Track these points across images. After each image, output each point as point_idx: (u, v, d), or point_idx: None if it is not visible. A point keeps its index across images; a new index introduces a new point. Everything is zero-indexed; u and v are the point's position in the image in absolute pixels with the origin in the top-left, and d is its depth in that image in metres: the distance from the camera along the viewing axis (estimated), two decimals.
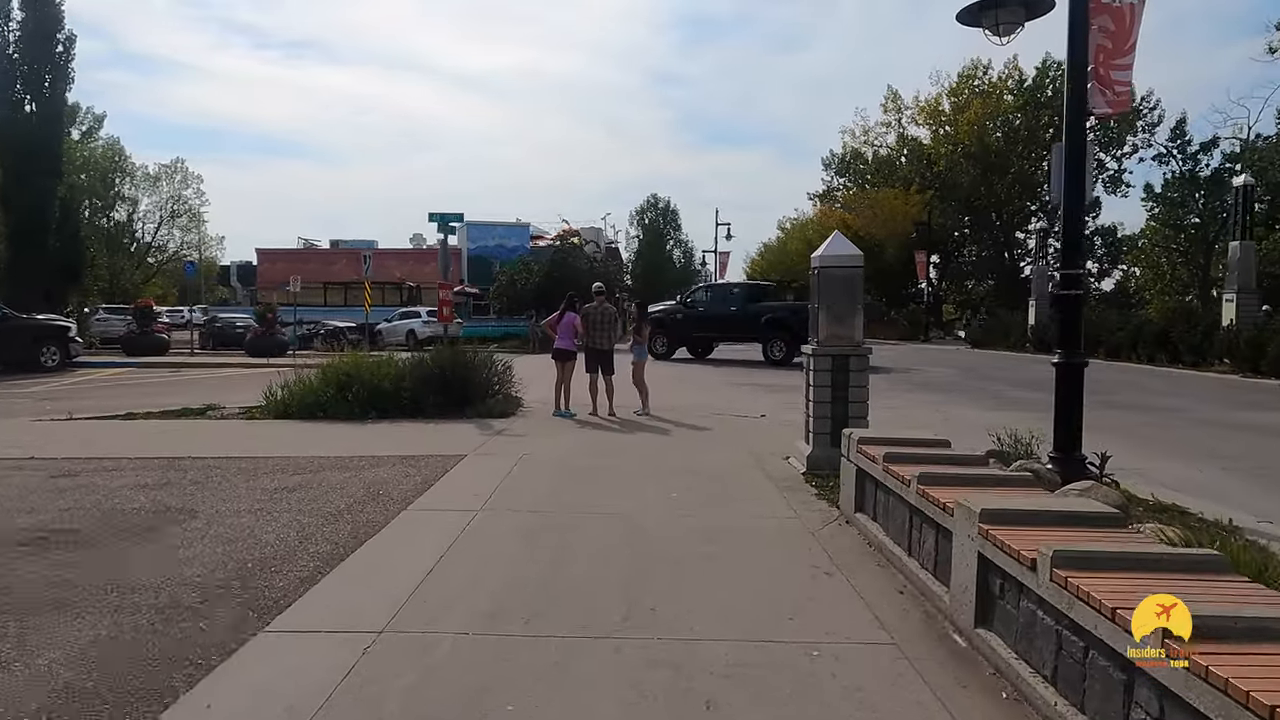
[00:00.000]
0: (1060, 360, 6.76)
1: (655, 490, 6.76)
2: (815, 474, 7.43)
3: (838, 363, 7.63)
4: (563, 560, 4.83)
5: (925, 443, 5.76)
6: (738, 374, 20.40)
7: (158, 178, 51.56)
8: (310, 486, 6.81)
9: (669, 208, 53.53)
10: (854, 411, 7.63)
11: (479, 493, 6.54)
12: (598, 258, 38.17)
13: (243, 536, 5.29)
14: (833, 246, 7.78)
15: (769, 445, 9.05)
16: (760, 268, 77.70)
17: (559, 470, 7.59)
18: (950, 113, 50.35)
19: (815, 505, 6.35)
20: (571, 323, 11.82)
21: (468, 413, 11.27)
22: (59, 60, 25.36)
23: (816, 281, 7.75)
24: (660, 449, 8.98)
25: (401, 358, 12.31)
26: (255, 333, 24.67)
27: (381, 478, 7.18)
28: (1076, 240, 6.89)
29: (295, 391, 11.52)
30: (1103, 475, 6.65)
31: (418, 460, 7.95)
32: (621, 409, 11.70)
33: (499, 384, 12.34)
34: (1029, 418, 12.37)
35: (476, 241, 45.98)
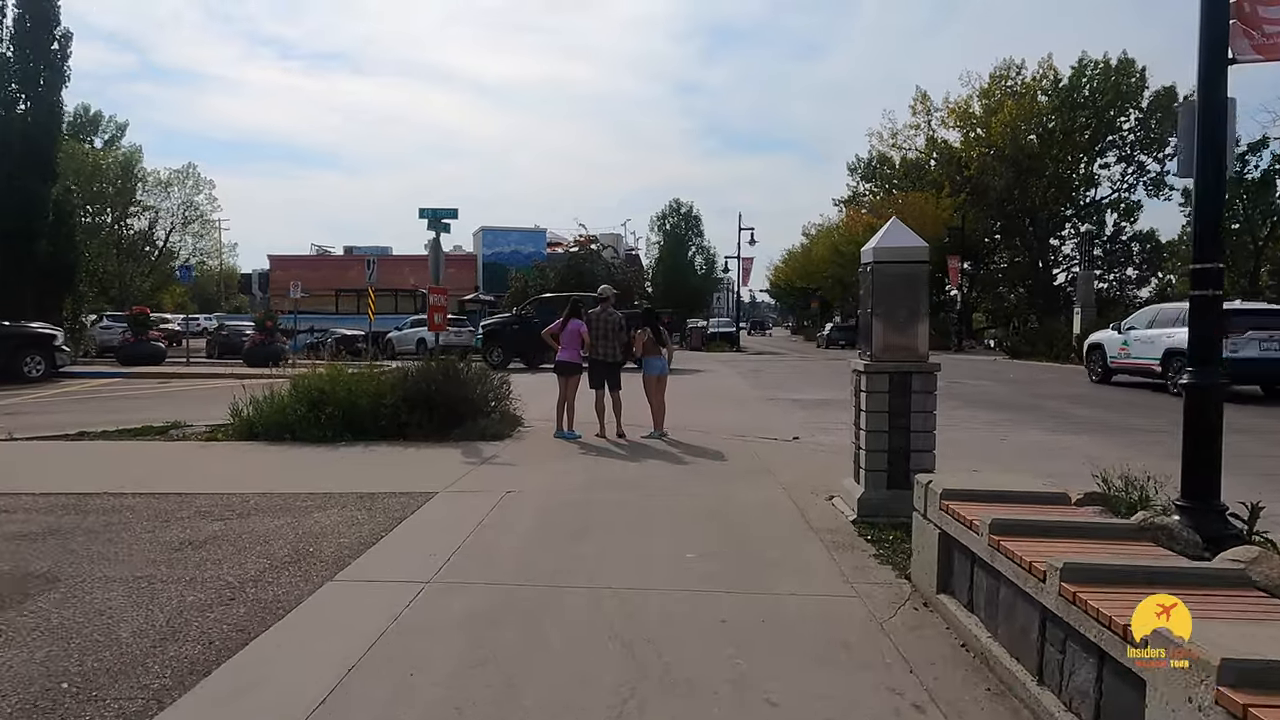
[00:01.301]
0: (1191, 382, 5.16)
1: (666, 547, 5.23)
2: (869, 522, 5.88)
3: (897, 382, 6.07)
4: (522, 682, 3.32)
5: (1035, 497, 4.21)
6: (765, 384, 18.82)
7: (169, 183, 50.71)
8: (227, 539, 5.35)
9: (691, 212, 51.85)
10: (917, 443, 6.07)
11: (436, 551, 5.06)
12: (616, 263, 36.70)
13: (90, 628, 3.83)
14: (890, 236, 6.23)
15: (806, 478, 7.51)
16: (784, 275, 76.05)
17: (546, 516, 6.08)
18: (982, 115, 48.43)
19: (878, 575, 4.79)
20: (577, 332, 10.35)
21: (456, 434, 9.82)
22: (54, 58, 24.32)
23: (869, 279, 6.21)
24: (674, 484, 7.45)
25: (388, 371, 10.88)
26: (253, 341, 23.39)
27: (322, 526, 5.71)
28: (1213, 226, 5.27)
29: (264, 410, 10.14)
30: (1252, 532, 5.06)
31: (376, 501, 6.49)
32: (633, 428, 10.22)
33: (495, 400, 10.89)
34: (1107, 443, 10.56)
35: (491, 247, 44.77)
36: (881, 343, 6.13)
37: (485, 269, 43.87)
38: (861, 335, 6.64)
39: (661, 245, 51.13)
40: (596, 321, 10.35)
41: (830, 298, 64.47)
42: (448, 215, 11.71)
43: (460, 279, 45.64)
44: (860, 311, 6.54)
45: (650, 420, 10.30)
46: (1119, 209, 48.46)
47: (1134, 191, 47.95)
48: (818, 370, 26.11)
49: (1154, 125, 45.79)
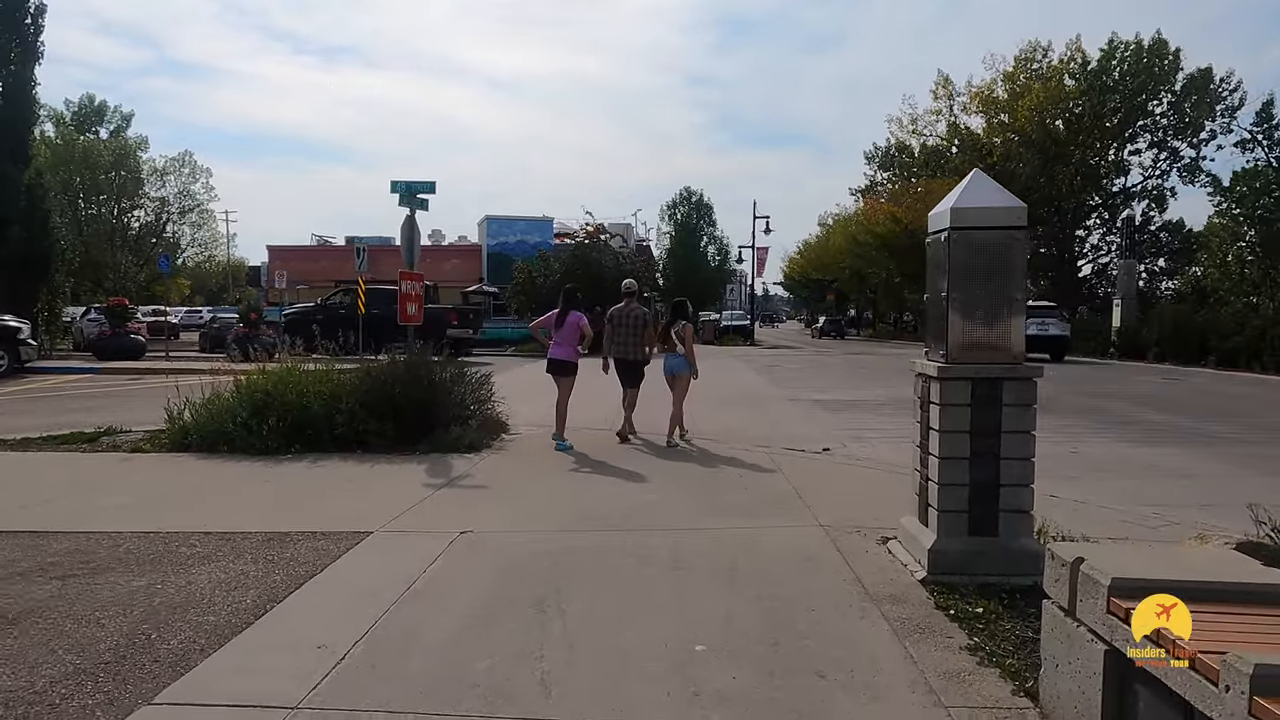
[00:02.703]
0: None
1: (666, 631, 3.64)
2: (945, 584, 4.28)
3: (983, 393, 4.45)
4: None
5: (1249, 594, 2.59)
6: (784, 381, 17.15)
7: (165, 171, 49.21)
8: (46, 616, 3.80)
9: (703, 201, 49.96)
10: (1010, 475, 4.45)
11: (329, 641, 3.48)
12: (625, 253, 35.07)
13: None
14: (974, 192, 4.57)
15: (849, 508, 5.90)
16: (800, 267, 74.07)
17: (504, 576, 4.49)
18: (1006, 99, 46.31)
19: (983, 687, 3.17)
20: (576, 326, 8.96)
21: (424, 445, 8.28)
22: (27, 34, 22.84)
23: (942, 252, 4.57)
24: (681, 518, 5.84)
25: (348, 369, 9.33)
26: (236, 333, 21.83)
27: (192, 591, 4.15)
28: None
29: (202, 415, 8.65)
30: None
31: (286, 546, 4.92)
32: (645, 430, 8.87)
33: (475, 404, 9.34)
34: (1199, 457, 8.79)
35: (496, 237, 43.22)
36: (961, 338, 4.50)
37: (490, 259, 42.32)
38: (930, 328, 5.01)
39: (672, 235, 49.37)
40: (620, 316, 9.38)
41: (847, 290, 62.70)
42: (423, 190, 10.13)
43: (465, 270, 44.17)
44: (928, 296, 4.91)
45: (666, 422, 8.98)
46: (1151, 196, 46.31)
47: (1166, 178, 45.81)
48: (837, 365, 24.43)
49: (1189, 109, 43.58)
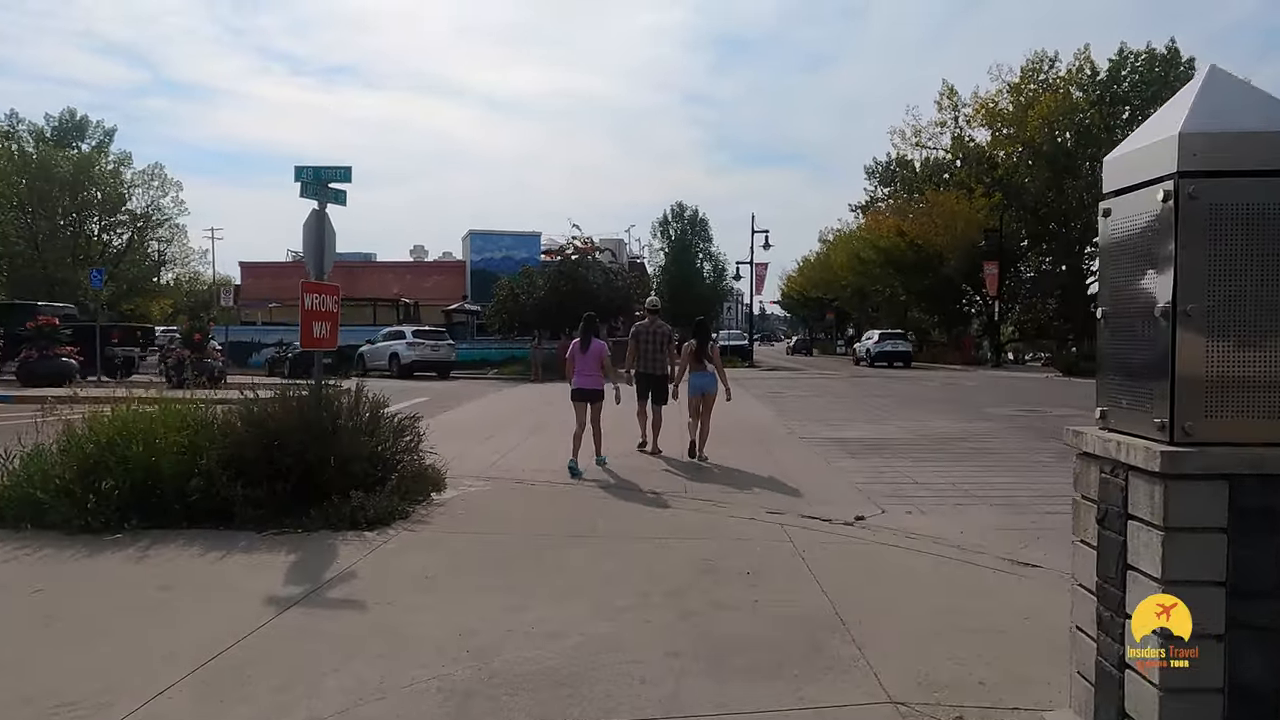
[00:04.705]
0: None
1: None
2: None
3: (1256, 503, 2.18)
4: None
5: None
6: (792, 412, 14.75)
7: (132, 184, 46.92)
8: None
9: (697, 216, 47.97)
10: None
11: None
12: (615, 269, 32.91)
13: None
14: (1223, 102, 2.32)
15: (928, 649, 3.60)
16: (799, 285, 71.94)
17: None
18: (1013, 111, 44.46)
19: None
20: (600, 354, 8.82)
21: (315, 518, 6.00)
22: None
23: (1161, 224, 2.31)
24: (650, 685, 3.55)
25: (229, 402, 7.04)
26: (177, 356, 19.43)
27: None
28: None
29: (16, 477, 6.40)
30: None
31: None
32: (668, 446, 9.36)
33: (395, 454, 7.08)
34: None
35: (480, 253, 41.08)
36: (1214, 394, 2.24)
37: (474, 276, 40.14)
38: (1112, 367, 2.70)
39: (666, 252, 47.31)
40: (646, 332, 9.91)
41: (848, 308, 60.73)
42: (335, 178, 7.85)
43: (448, 287, 42.02)
44: (1104, 309, 2.64)
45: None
46: None
47: None
48: (845, 391, 22.17)
49: None
